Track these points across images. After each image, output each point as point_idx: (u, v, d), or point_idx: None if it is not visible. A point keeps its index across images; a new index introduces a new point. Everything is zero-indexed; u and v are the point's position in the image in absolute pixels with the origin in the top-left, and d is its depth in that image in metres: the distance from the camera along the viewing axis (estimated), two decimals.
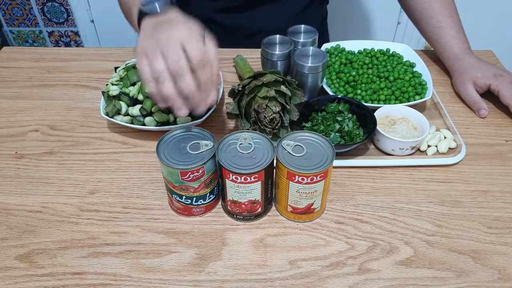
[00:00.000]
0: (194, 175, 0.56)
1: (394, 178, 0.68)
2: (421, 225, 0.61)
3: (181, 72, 0.52)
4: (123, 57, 0.96)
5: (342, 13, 1.84)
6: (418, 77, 0.81)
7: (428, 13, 0.88)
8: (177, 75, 0.52)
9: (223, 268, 0.56)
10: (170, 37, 0.53)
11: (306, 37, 0.81)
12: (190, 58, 0.52)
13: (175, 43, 0.52)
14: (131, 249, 0.58)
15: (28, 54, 0.97)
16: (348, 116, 0.70)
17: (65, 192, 0.66)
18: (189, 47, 0.52)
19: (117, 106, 0.72)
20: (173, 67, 0.52)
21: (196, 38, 0.53)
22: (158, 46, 0.53)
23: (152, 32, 0.55)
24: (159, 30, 0.55)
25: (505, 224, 0.62)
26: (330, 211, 0.63)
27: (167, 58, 0.52)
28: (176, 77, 0.52)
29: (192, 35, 0.53)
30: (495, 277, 0.55)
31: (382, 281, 0.54)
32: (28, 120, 0.79)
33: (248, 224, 0.61)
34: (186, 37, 0.53)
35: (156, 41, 0.53)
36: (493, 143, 0.75)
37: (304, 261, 0.57)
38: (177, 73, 0.52)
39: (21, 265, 0.56)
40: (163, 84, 0.52)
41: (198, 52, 0.52)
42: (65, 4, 1.93)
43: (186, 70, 0.52)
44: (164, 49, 0.52)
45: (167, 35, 0.53)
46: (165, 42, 0.52)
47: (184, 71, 0.52)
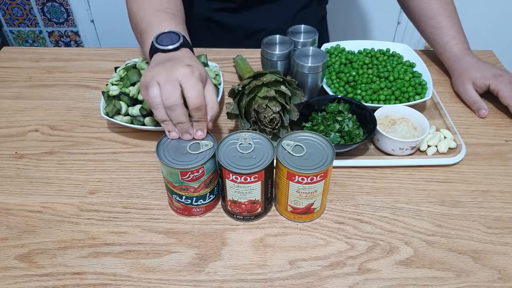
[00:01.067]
0: (194, 175, 0.56)
1: (394, 178, 0.68)
2: (421, 225, 0.61)
3: (173, 104, 0.56)
4: (123, 57, 0.96)
5: (342, 13, 1.84)
6: (418, 77, 0.81)
7: (427, 13, 0.88)
8: (168, 108, 0.57)
9: (223, 268, 0.56)
10: (170, 74, 0.57)
11: (306, 37, 0.81)
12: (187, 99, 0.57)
13: (174, 79, 0.57)
14: (131, 249, 0.58)
15: (28, 54, 0.97)
16: (348, 116, 0.71)
17: (65, 192, 0.66)
18: (186, 85, 0.57)
19: (117, 106, 0.72)
20: (165, 98, 0.57)
21: (195, 78, 0.57)
22: (157, 78, 0.58)
23: (157, 67, 0.60)
24: (163, 66, 0.59)
25: (505, 224, 0.62)
26: (330, 211, 0.63)
27: (162, 89, 0.57)
28: (167, 108, 0.57)
29: (192, 75, 0.57)
30: (495, 277, 0.55)
31: (382, 281, 0.54)
32: (28, 120, 0.79)
33: (248, 224, 0.61)
34: (185, 76, 0.57)
35: (156, 74, 0.58)
36: (493, 143, 0.75)
37: (304, 261, 0.57)
38: (169, 106, 0.57)
39: (21, 265, 0.56)
40: (157, 110, 0.58)
41: (194, 92, 0.57)
42: (65, 4, 1.94)
43: (179, 104, 0.57)
44: (162, 81, 0.57)
45: (168, 71, 0.58)
46: (165, 76, 0.57)
47: (177, 105, 0.56)
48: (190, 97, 0.56)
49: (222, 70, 0.87)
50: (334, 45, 0.88)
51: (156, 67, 0.60)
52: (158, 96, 0.57)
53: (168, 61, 0.60)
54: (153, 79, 0.58)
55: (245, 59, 0.86)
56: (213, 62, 0.86)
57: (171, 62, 0.60)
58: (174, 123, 0.58)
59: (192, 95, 0.56)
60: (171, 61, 0.60)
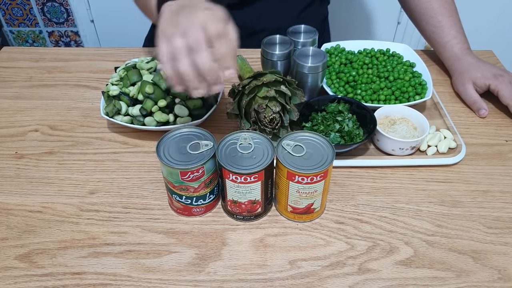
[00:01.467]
0: (194, 175, 0.56)
1: (394, 178, 0.68)
2: (421, 225, 0.61)
3: (198, 47, 0.50)
4: (123, 57, 0.96)
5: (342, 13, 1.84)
6: (418, 77, 0.81)
7: (428, 12, 0.88)
8: (194, 51, 0.50)
9: (223, 268, 0.56)
10: (191, 19, 0.51)
11: (306, 37, 0.81)
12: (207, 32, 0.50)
13: (196, 24, 0.51)
14: (131, 249, 0.58)
15: (28, 54, 0.97)
16: (348, 116, 0.70)
17: (65, 192, 0.66)
18: (210, 26, 0.50)
19: (117, 106, 0.72)
20: (191, 43, 0.50)
21: (218, 20, 0.52)
22: (178, 28, 0.51)
23: (173, 16, 0.54)
24: (180, 14, 0.53)
25: (505, 224, 0.62)
26: (330, 211, 0.63)
27: (186, 36, 0.50)
28: (193, 53, 0.50)
29: (214, 18, 0.52)
30: (495, 277, 0.55)
31: (382, 281, 0.54)
32: (28, 120, 0.79)
33: (248, 224, 0.61)
34: (208, 19, 0.51)
35: (176, 24, 0.52)
36: (493, 143, 0.75)
37: (304, 261, 0.57)
38: (194, 49, 0.50)
39: (21, 265, 0.56)
40: (180, 61, 0.51)
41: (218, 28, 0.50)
42: (65, 4, 1.93)
43: (204, 46, 0.50)
44: (184, 29, 0.51)
45: (188, 18, 0.52)
46: (186, 24, 0.51)
47: (201, 47, 0.50)
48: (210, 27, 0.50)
49: None
50: (334, 45, 0.88)
51: (171, 17, 0.54)
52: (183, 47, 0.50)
53: (183, 8, 0.54)
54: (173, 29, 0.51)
55: (245, 59, 0.86)
56: None
57: (187, 9, 0.53)
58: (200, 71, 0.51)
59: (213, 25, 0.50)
60: (186, 8, 0.54)
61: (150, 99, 0.71)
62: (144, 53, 0.98)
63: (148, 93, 0.70)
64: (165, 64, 0.52)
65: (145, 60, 0.79)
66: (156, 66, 0.76)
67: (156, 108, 0.71)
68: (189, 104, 0.72)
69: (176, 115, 0.72)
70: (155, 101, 0.71)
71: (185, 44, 0.50)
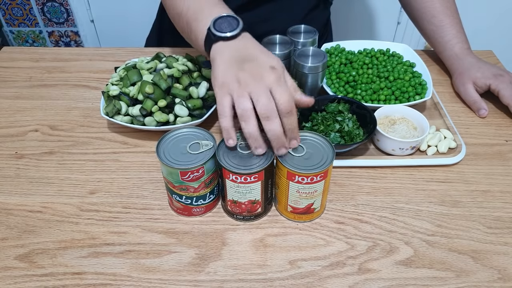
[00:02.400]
0: (194, 175, 0.56)
1: (394, 178, 0.68)
2: (421, 225, 0.61)
3: (270, 115, 0.52)
4: (123, 57, 0.96)
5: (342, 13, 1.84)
6: (418, 77, 0.81)
7: (430, 11, 0.88)
8: (265, 118, 0.52)
9: (223, 268, 0.56)
10: (258, 83, 0.53)
11: (306, 37, 0.81)
12: (278, 105, 0.53)
13: (264, 87, 0.53)
14: (131, 249, 0.58)
15: (28, 54, 0.97)
16: (348, 116, 0.70)
17: (65, 192, 0.66)
18: (278, 94, 0.53)
19: (117, 106, 0.72)
20: (263, 110, 0.52)
21: (283, 83, 0.54)
22: (245, 87, 0.53)
23: (235, 68, 0.55)
24: (243, 68, 0.54)
25: (505, 224, 0.62)
26: (330, 211, 0.63)
27: (257, 101, 0.52)
28: (264, 119, 0.53)
29: (280, 80, 0.53)
30: (495, 277, 0.55)
31: (382, 281, 0.54)
32: (28, 120, 0.79)
33: (248, 224, 0.61)
34: (274, 83, 0.53)
35: (239, 80, 0.53)
36: (493, 143, 0.75)
37: (304, 261, 0.57)
38: (266, 117, 0.52)
39: (21, 265, 0.56)
40: (248, 122, 0.53)
41: (286, 99, 0.53)
42: (65, 4, 1.93)
43: (276, 115, 0.52)
44: (252, 91, 0.52)
45: (254, 79, 0.53)
46: (253, 85, 0.53)
47: (274, 115, 0.52)
48: (282, 102, 0.53)
49: None
50: (334, 45, 0.88)
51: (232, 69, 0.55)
52: (252, 109, 0.52)
53: (246, 61, 0.55)
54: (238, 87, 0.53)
55: None
56: None
57: (251, 64, 0.55)
58: (270, 135, 0.53)
59: (284, 100, 0.53)
60: (250, 62, 0.55)
61: (150, 99, 0.71)
62: (144, 53, 0.98)
63: (148, 93, 0.70)
64: (224, 118, 0.54)
65: (145, 60, 0.79)
66: (156, 66, 0.76)
67: (156, 108, 0.71)
68: (189, 104, 0.72)
69: (176, 115, 0.72)
70: (155, 101, 0.71)
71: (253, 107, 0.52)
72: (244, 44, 0.58)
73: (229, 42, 0.57)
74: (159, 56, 0.80)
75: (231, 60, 0.55)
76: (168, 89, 0.72)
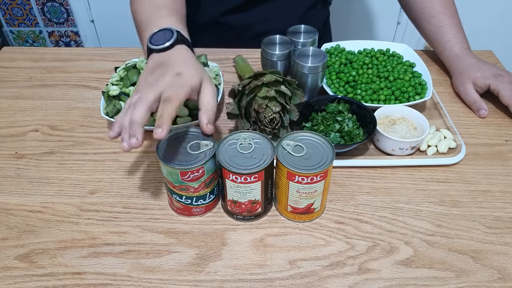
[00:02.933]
0: (194, 175, 0.56)
1: (394, 178, 0.68)
2: (421, 225, 0.61)
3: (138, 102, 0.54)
4: (123, 57, 0.96)
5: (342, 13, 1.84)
6: (418, 77, 0.81)
7: (430, 12, 0.88)
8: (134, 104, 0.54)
9: (223, 268, 0.56)
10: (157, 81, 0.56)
11: (306, 37, 0.81)
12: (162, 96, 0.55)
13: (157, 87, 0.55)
14: (131, 249, 0.58)
15: (28, 54, 0.97)
16: (348, 116, 0.71)
17: (65, 192, 0.66)
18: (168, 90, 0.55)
19: (117, 106, 0.72)
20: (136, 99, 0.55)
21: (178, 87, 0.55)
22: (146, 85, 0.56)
23: (149, 72, 0.58)
24: (154, 72, 0.58)
25: (505, 224, 0.62)
26: (330, 211, 0.63)
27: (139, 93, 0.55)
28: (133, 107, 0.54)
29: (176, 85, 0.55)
30: (495, 277, 0.55)
31: (382, 281, 0.54)
32: (28, 120, 0.79)
33: (248, 224, 0.61)
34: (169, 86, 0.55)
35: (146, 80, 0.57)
36: (493, 143, 0.75)
37: (304, 261, 0.57)
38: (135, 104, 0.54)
39: (21, 265, 0.56)
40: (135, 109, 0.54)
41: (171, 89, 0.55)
42: (65, 4, 1.94)
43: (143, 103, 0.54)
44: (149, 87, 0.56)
45: (156, 78, 0.56)
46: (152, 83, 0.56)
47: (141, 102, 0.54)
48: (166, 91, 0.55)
49: (222, 70, 0.87)
50: (334, 45, 0.88)
51: (149, 72, 0.58)
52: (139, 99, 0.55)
53: (158, 68, 0.58)
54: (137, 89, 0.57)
55: (245, 59, 0.86)
56: (213, 62, 0.86)
57: (160, 70, 0.58)
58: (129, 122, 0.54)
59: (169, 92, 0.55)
60: (160, 68, 0.58)
61: None
62: None
63: None
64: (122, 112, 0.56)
65: (145, 60, 0.79)
66: None
67: None
68: (189, 104, 0.72)
69: (176, 115, 0.72)
70: None
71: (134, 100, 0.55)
72: (171, 54, 0.60)
73: (160, 53, 0.61)
74: None
75: (151, 67, 0.59)
76: None
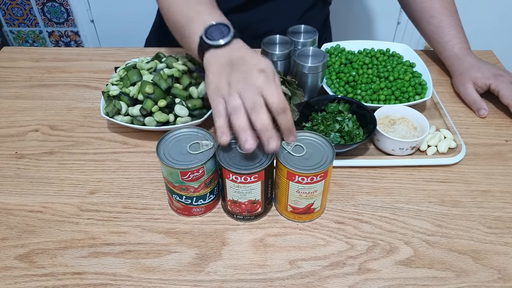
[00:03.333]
0: (194, 175, 0.56)
1: (394, 178, 0.68)
2: (421, 225, 0.61)
3: (257, 107, 0.52)
4: (123, 57, 0.96)
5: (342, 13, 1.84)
6: (418, 77, 0.81)
7: (430, 12, 0.88)
8: (252, 110, 0.52)
9: (223, 268, 0.56)
10: (247, 83, 0.53)
11: (306, 37, 0.81)
12: (270, 104, 0.52)
13: (252, 87, 0.53)
14: (131, 249, 0.58)
15: (28, 54, 0.97)
16: (348, 116, 0.71)
17: (65, 192, 0.66)
18: (269, 93, 0.53)
19: (117, 106, 0.72)
20: (250, 103, 0.52)
21: (274, 85, 0.53)
22: (235, 88, 0.53)
23: (225, 73, 0.56)
24: (233, 72, 0.55)
25: (505, 224, 0.62)
26: (330, 211, 0.63)
27: (245, 98, 0.52)
28: (251, 111, 0.52)
29: (269, 81, 0.53)
30: (495, 277, 0.55)
31: (382, 281, 0.54)
32: (28, 120, 0.79)
33: (248, 224, 0.61)
34: (263, 83, 0.53)
35: (230, 84, 0.54)
36: (493, 143, 0.75)
37: (304, 261, 0.57)
38: (253, 108, 0.52)
39: (21, 265, 0.56)
40: (237, 116, 0.52)
41: (277, 98, 0.52)
42: (65, 4, 1.93)
43: (263, 106, 0.52)
44: (241, 90, 0.53)
45: (244, 80, 0.54)
46: (242, 85, 0.53)
47: (260, 106, 0.52)
48: (274, 101, 0.52)
49: None
50: (334, 45, 0.88)
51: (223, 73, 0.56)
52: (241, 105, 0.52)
53: (236, 66, 0.56)
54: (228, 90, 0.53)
55: None
56: None
57: (240, 68, 0.55)
58: (258, 129, 0.52)
59: (275, 98, 0.52)
60: (239, 66, 0.55)
61: (150, 99, 0.71)
62: (144, 53, 0.98)
63: (148, 93, 0.70)
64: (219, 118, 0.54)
65: (145, 60, 0.79)
66: (156, 66, 0.76)
67: (156, 108, 0.71)
68: (189, 104, 0.72)
69: (176, 115, 0.72)
70: (155, 101, 0.71)
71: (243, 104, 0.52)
72: (235, 50, 0.58)
73: (220, 49, 0.58)
74: (159, 56, 0.80)
75: (222, 66, 0.57)
76: (168, 89, 0.72)
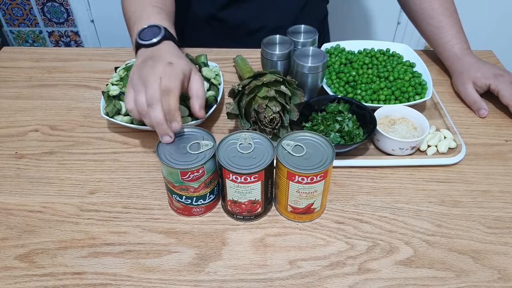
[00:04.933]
0: (194, 175, 0.56)
1: (394, 178, 0.68)
2: (421, 225, 0.61)
3: (152, 102, 0.58)
4: (123, 57, 0.96)
5: (342, 13, 1.84)
6: (418, 77, 0.81)
7: (429, 12, 0.88)
8: (149, 106, 0.58)
9: (223, 268, 0.56)
10: (152, 73, 0.59)
11: (306, 37, 0.81)
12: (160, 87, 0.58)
13: (154, 77, 0.58)
14: (131, 249, 0.58)
15: (28, 54, 0.97)
16: (348, 116, 0.71)
17: (65, 192, 0.66)
18: (164, 78, 0.59)
19: (117, 106, 0.72)
20: (148, 98, 0.58)
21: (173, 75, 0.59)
22: (141, 79, 0.60)
23: (140, 65, 0.62)
24: (146, 64, 0.61)
25: (505, 224, 0.62)
26: (330, 211, 0.63)
27: (147, 93, 0.58)
28: (149, 108, 0.58)
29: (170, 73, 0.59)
30: (495, 277, 0.55)
31: (382, 281, 0.54)
32: (28, 120, 0.79)
33: (248, 224, 0.61)
34: (164, 74, 0.59)
35: (141, 75, 0.60)
36: (493, 143, 0.75)
37: (304, 261, 0.57)
38: (150, 105, 0.58)
39: (21, 265, 0.56)
40: (144, 117, 0.60)
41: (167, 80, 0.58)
42: (65, 4, 1.94)
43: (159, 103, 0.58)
44: (145, 80, 0.59)
45: (150, 70, 0.60)
46: (147, 76, 0.59)
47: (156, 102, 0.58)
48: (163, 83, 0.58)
49: (222, 70, 0.87)
50: (334, 45, 0.88)
51: (140, 66, 0.62)
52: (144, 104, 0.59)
53: (150, 59, 0.62)
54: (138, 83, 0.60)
55: (245, 59, 0.86)
56: (213, 62, 0.86)
57: (152, 61, 0.61)
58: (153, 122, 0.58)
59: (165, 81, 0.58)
60: (152, 60, 0.61)
61: None
62: None
63: None
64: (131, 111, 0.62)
65: None
66: None
67: None
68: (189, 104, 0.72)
69: None
70: None
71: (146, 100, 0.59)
72: (160, 49, 0.64)
73: (148, 48, 0.65)
74: None
75: (142, 60, 0.63)
76: None
